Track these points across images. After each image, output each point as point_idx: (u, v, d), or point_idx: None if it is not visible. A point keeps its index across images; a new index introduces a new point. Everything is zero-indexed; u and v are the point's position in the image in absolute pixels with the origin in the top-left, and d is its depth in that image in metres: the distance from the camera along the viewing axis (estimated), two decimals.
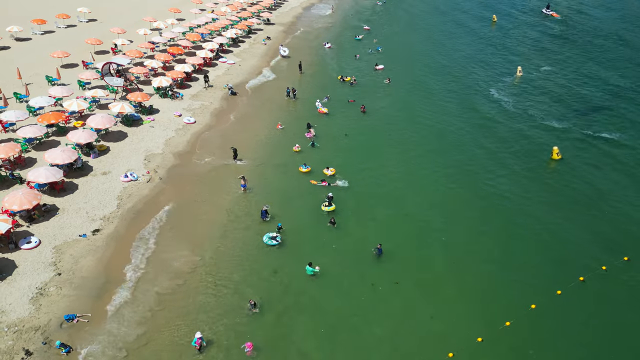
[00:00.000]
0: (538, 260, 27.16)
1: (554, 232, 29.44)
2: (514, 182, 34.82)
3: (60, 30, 62.67)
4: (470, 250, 27.85)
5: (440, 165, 36.79)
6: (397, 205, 31.77)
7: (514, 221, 30.48)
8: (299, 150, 38.25)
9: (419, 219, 30.47)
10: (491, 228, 29.78)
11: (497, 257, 27.45)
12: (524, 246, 28.28)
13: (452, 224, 30.05)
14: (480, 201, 32.48)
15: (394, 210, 31.33)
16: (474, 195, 33.12)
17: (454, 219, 30.57)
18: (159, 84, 44.63)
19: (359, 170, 35.88)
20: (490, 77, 56.10)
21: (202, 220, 29.53)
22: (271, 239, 27.73)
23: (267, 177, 34.58)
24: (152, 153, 35.85)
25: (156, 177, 33.04)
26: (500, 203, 32.34)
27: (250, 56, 59.53)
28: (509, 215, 31.07)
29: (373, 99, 48.84)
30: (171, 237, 27.88)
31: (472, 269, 26.49)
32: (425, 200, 32.51)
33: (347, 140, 40.70)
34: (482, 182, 34.72)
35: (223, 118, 43.24)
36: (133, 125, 39.56)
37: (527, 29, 76.38)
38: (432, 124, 43.96)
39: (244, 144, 38.83)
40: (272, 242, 27.57)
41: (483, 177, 35.34)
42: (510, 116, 45.66)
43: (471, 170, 36.25)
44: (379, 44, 67.08)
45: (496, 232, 29.47)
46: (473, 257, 27.38)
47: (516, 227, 29.96)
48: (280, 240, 27.74)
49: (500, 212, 31.36)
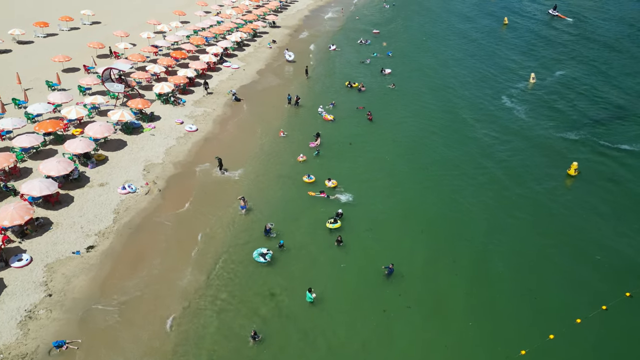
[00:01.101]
0: (556, 285, 25.60)
1: (574, 255, 27.82)
2: (529, 199, 33.06)
3: (63, 33, 61.73)
4: (484, 272, 26.36)
5: (450, 179, 35.21)
6: (405, 221, 30.29)
7: (530, 242, 28.87)
8: (303, 160, 36.91)
9: (429, 236, 28.96)
10: (506, 249, 28.19)
11: (512, 279, 25.92)
12: (542, 269, 26.71)
13: (464, 243, 28.53)
14: (495, 220, 30.78)
15: (402, 226, 29.86)
16: (487, 213, 31.43)
17: (467, 237, 29.02)
18: (160, 90, 43.45)
19: (365, 182, 34.42)
20: (502, 84, 54.48)
21: (203, 235, 28.20)
22: (261, 255, 26.22)
23: (269, 190, 33.18)
24: (152, 163, 34.60)
25: (155, 188, 31.79)
26: (515, 222, 30.63)
27: (255, 60, 58.26)
28: (525, 236, 29.42)
29: (380, 105, 47.34)
30: (168, 254, 26.58)
31: (486, 292, 24.98)
32: (435, 215, 31.01)
33: (352, 149, 39.23)
34: (497, 199, 32.97)
35: (226, 125, 41.96)
36: (133, 133, 38.36)
37: (538, 32, 74.67)
38: (441, 133, 42.36)
39: (246, 153, 37.63)
40: (260, 260, 26.04)
41: (497, 194, 33.56)
42: (524, 126, 43.97)
43: (484, 186, 34.53)
44: (388, 48, 65.61)
45: (511, 253, 27.88)
46: (487, 279, 25.89)
47: (532, 248, 28.36)
48: (270, 258, 26.19)
49: (515, 232, 29.70)
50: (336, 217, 29.68)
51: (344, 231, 28.89)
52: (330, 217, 29.59)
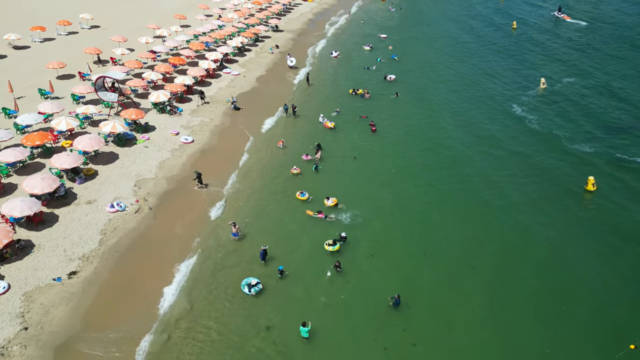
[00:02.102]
0: (578, 320, 23.43)
1: (597, 285, 25.65)
2: (546, 221, 30.78)
3: (61, 37, 60.37)
4: (498, 303, 24.27)
5: (457, 196, 33.10)
6: (413, 245, 28.27)
7: (549, 269, 26.62)
8: (297, 173, 35.07)
9: (439, 262, 26.88)
10: (523, 277, 26.00)
11: (528, 310, 23.90)
12: (561, 301, 24.59)
13: (477, 269, 26.49)
14: (509, 244, 28.57)
15: (406, 250, 27.87)
16: (501, 236, 29.21)
17: (480, 262, 26.96)
18: (156, 99, 41.76)
19: (367, 199, 32.48)
20: (511, 90, 52.36)
21: (193, 259, 26.44)
22: (248, 286, 24.06)
23: (264, 207, 31.30)
24: (144, 178, 32.89)
25: (145, 206, 30.08)
26: (531, 248, 28.34)
27: (256, 66, 56.52)
28: (543, 262, 27.15)
29: (384, 115, 45.37)
30: (154, 279, 24.82)
31: (501, 326, 22.95)
32: (445, 239, 28.89)
33: (355, 162, 37.34)
34: (509, 219, 30.78)
35: (224, 136, 40.18)
36: (126, 145, 36.71)
37: (547, 36, 72.35)
38: (447, 146, 40.25)
39: (244, 166, 35.86)
40: (246, 291, 23.90)
41: (509, 213, 31.40)
42: (535, 137, 41.83)
43: (494, 203, 32.40)
44: (393, 51, 63.68)
45: (529, 280, 25.77)
46: (502, 310, 23.81)
47: (552, 276, 26.15)
48: (260, 287, 24.15)
49: (532, 258, 27.49)
50: (339, 240, 27.79)
51: (344, 255, 27.02)
52: (330, 239, 27.72)
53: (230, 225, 27.98)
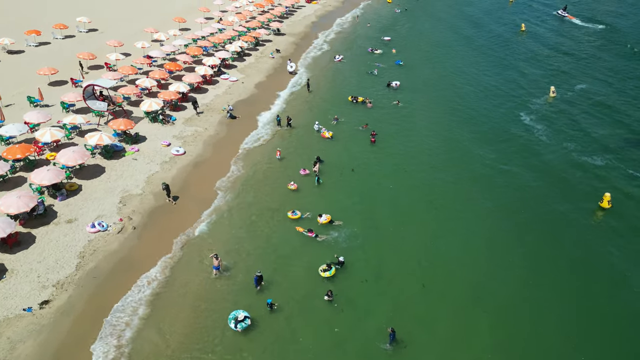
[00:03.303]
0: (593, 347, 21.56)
1: (616, 316, 23.70)
2: (558, 243, 28.82)
3: (56, 41, 58.89)
4: (511, 338, 22.33)
5: (460, 215, 31.05)
6: (411, 271, 26.32)
7: (560, 300, 24.61)
8: (294, 189, 33.24)
9: (440, 293, 24.90)
10: (539, 311, 23.93)
11: (541, 342, 21.93)
12: (580, 336, 22.61)
13: (486, 299, 24.46)
14: (519, 272, 26.51)
15: (407, 278, 25.88)
16: (509, 263, 27.17)
17: (485, 292, 24.95)
18: (148, 108, 40.06)
19: (364, 217, 30.59)
20: (520, 97, 50.13)
21: (179, 289, 24.67)
22: (234, 320, 22.02)
23: (255, 226, 29.42)
24: (130, 194, 31.19)
25: (129, 225, 28.35)
26: (543, 276, 26.24)
27: (255, 72, 54.70)
28: (555, 292, 25.14)
29: (385, 125, 43.31)
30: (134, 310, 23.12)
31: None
32: (447, 264, 26.90)
33: (353, 176, 35.41)
34: (518, 245, 28.64)
35: (218, 147, 38.38)
36: (114, 157, 35.05)
37: (558, 40, 69.92)
38: (451, 159, 38.22)
39: (238, 179, 34.09)
40: (232, 327, 21.96)
41: (519, 237, 29.20)
42: (545, 149, 39.67)
43: (503, 226, 30.21)
44: (398, 56, 61.62)
45: (545, 315, 23.71)
46: (516, 346, 21.89)
47: (563, 308, 24.18)
48: (248, 323, 22.13)
49: (544, 287, 25.42)
50: (336, 264, 25.93)
51: (338, 281, 25.14)
52: (324, 264, 25.86)
53: (211, 257, 25.45)
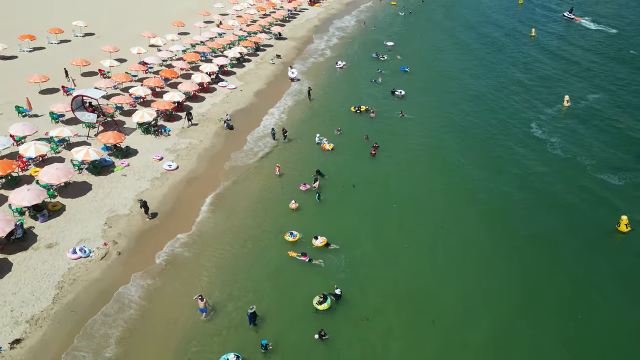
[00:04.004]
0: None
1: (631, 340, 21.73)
2: (572, 269, 26.80)
3: (51, 46, 57.20)
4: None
5: (469, 241, 28.81)
6: (419, 306, 24.17)
7: (577, 329, 22.73)
8: (296, 208, 31.31)
9: (458, 329, 22.83)
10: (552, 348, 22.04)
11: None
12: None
13: (509, 339, 22.41)
14: (536, 305, 24.48)
15: (418, 313, 23.75)
16: (523, 289, 25.23)
17: (511, 331, 22.86)
18: (140, 119, 38.18)
19: (366, 240, 28.57)
20: (531, 108, 47.87)
21: (162, 327, 22.75)
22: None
23: (251, 251, 27.50)
24: (117, 214, 29.29)
25: (114, 250, 26.45)
26: (570, 309, 24.25)
27: (255, 79, 52.76)
28: (571, 324, 23.24)
29: (389, 136, 41.15)
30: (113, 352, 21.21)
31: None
32: (463, 296, 24.72)
33: (354, 193, 33.39)
34: (532, 269, 26.67)
35: (213, 162, 36.41)
36: (102, 172, 33.17)
37: (570, 44, 67.66)
38: (460, 174, 36.08)
39: (233, 198, 32.10)
40: None
41: (532, 261, 27.29)
42: (558, 165, 37.44)
43: (513, 250, 28.12)
44: (403, 62, 59.54)
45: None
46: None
47: (580, 337, 22.24)
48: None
49: (563, 324, 23.38)
50: (333, 296, 23.92)
51: (335, 316, 23.15)
52: (319, 294, 23.85)
53: (196, 299, 22.89)
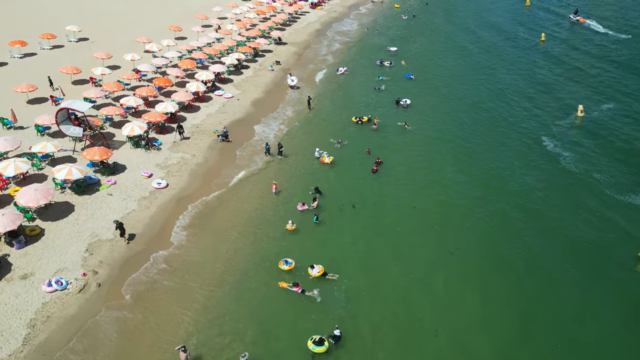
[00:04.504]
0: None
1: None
2: (590, 307, 24.63)
3: (43, 52, 55.24)
4: None
5: (480, 270, 26.62)
6: (431, 347, 22.04)
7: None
8: (293, 229, 29.22)
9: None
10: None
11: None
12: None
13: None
14: (536, 338, 22.51)
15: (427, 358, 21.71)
16: (524, 323, 23.17)
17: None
18: (130, 132, 36.14)
19: (368, 269, 26.39)
20: (543, 118, 45.57)
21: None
22: None
23: (241, 284, 25.28)
24: (99, 239, 27.21)
25: (94, 282, 24.38)
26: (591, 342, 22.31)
27: (253, 87, 50.65)
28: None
29: (392, 150, 39.08)
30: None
31: None
32: (477, 338, 22.58)
33: (355, 214, 31.23)
34: (536, 301, 24.61)
35: (206, 178, 34.23)
36: (87, 191, 31.13)
37: (582, 49, 65.28)
38: (467, 191, 33.91)
39: (226, 220, 29.93)
40: None
41: (547, 292, 25.16)
42: (572, 182, 35.12)
43: (536, 280, 25.93)
44: (408, 68, 57.35)
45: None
46: None
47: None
48: None
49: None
50: (331, 339, 21.75)
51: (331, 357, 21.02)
52: (316, 334, 21.71)
53: (178, 350, 20.28)
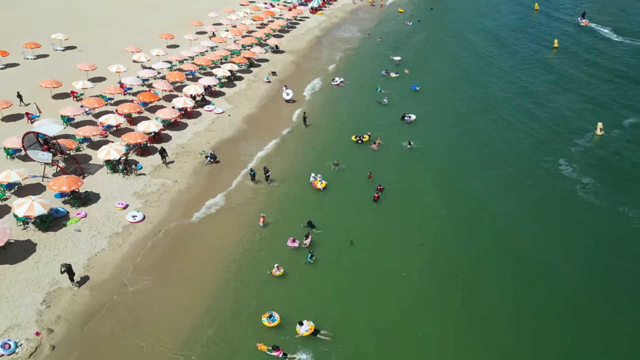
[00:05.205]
0: None
1: None
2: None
3: (27, 63, 52.15)
4: None
5: (498, 322, 23.47)
6: None
7: None
8: (281, 274, 25.88)
9: None
10: None
11: None
12: None
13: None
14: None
15: None
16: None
17: None
18: (106, 156, 32.93)
19: (368, 326, 23.11)
20: (557, 138, 41.94)
21: None
22: None
23: (218, 348, 22.03)
24: (60, 287, 23.97)
25: (47, 343, 21.18)
26: None
27: (246, 101, 47.32)
28: None
29: (395, 175, 35.68)
30: None
31: None
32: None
33: (353, 253, 27.87)
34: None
35: (187, 209, 30.92)
36: (52, 226, 27.94)
37: (595, 60, 61.53)
38: (480, 226, 30.51)
39: (200, 264, 26.50)
40: None
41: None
42: (595, 217, 31.54)
43: (556, 332, 22.75)
44: (412, 79, 53.95)
45: None
46: None
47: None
48: None
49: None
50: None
51: None
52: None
53: None
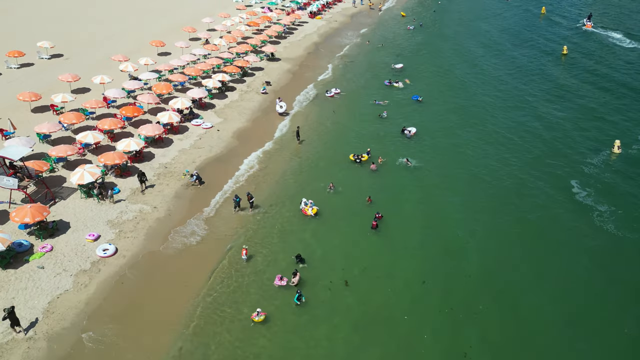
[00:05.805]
0: None
1: None
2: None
3: (9, 72, 49.73)
4: None
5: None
6: None
7: None
8: (261, 320, 23.11)
9: None
10: None
11: None
12: None
13: None
14: None
15: None
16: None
17: None
18: (79, 179, 30.25)
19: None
20: (571, 156, 38.83)
21: None
22: None
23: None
24: (14, 338, 21.28)
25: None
26: None
27: (237, 114, 44.62)
28: None
29: (395, 200, 32.84)
30: None
31: None
32: None
33: (348, 296, 25.01)
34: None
35: (165, 239, 28.26)
36: (14, 262, 25.32)
37: (608, 68, 58.36)
38: (488, 259, 27.62)
39: (171, 309, 23.70)
40: None
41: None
42: (614, 251, 28.41)
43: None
44: (415, 89, 51.20)
45: None
46: None
47: None
48: None
49: None
50: None
51: None
52: None
53: None
